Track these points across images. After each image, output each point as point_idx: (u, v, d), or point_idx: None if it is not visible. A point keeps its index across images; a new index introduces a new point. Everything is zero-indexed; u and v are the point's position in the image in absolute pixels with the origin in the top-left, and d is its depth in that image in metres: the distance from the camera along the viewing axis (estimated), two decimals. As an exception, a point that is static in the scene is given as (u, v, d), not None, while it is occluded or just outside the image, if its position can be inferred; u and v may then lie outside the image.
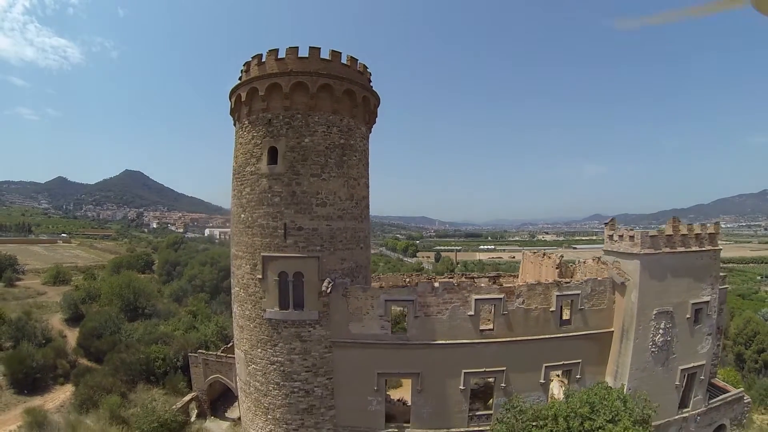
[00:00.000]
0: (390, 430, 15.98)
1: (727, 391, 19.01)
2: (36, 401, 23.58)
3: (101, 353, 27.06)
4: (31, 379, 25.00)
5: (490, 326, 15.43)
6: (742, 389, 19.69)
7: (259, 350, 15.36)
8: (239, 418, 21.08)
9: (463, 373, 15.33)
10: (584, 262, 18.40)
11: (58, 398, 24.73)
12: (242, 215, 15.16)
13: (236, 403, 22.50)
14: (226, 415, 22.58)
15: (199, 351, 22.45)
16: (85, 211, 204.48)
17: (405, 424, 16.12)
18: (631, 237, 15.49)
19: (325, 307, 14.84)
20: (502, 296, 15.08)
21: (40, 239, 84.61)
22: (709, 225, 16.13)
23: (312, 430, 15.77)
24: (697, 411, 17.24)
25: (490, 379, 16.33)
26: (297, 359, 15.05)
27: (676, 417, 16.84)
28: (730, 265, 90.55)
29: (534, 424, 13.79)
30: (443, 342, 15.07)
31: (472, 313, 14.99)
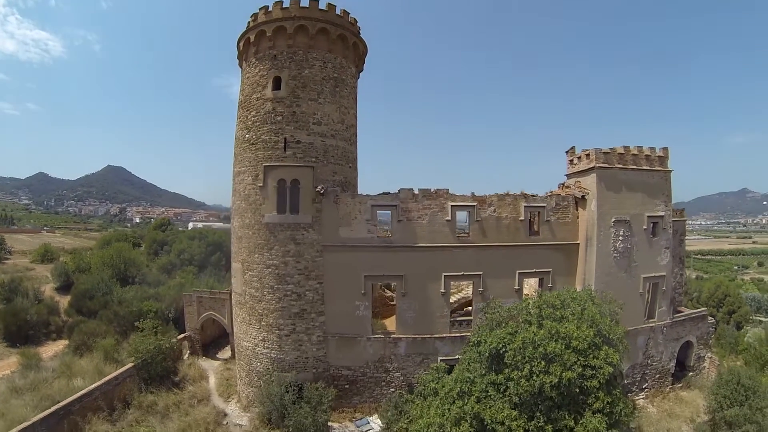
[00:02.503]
0: (376, 335, 17.10)
1: (695, 316, 20.17)
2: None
3: (93, 313, 27.24)
4: (25, 333, 25.35)
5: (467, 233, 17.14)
6: (705, 309, 20.83)
7: (257, 255, 16.88)
8: (231, 357, 21.78)
9: (443, 276, 16.79)
10: (551, 192, 20.34)
11: (51, 350, 24.97)
12: (247, 135, 17.40)
13: (227, 347, 23.21)
14: (217, 356, 23.21)
15: (194, 290, 23.50)
16: (67, 206, 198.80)
17: (390, 330, 17.26)
18: (587, 155, 17.69)
19: (318, 213, 16.65)
20: (475, 204, 16.95)
21: (24, 229, 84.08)
22: (658, 149, 18.34)
23: (303, 335, 16.88)
24: (663, 322, 18.41)
25: (467, 283, 17.66)
26: (291, 261, 16.55)
27: (644, 326, 18.01)
28: (709, 256, 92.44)
29: (510, 318, 15.15)
30: (424, 245, 16.70)
31: (449, 218, 16.77)
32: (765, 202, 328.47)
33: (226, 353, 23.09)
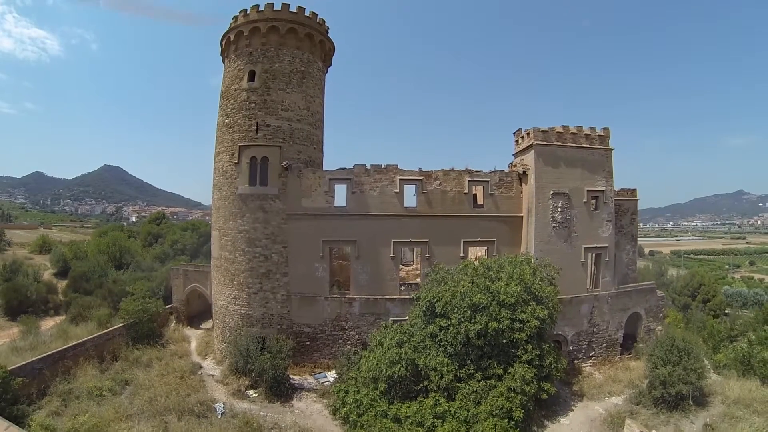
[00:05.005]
0: (333, 295, 18.92)
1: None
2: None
3: (89, 293, 28.80)
4: (25, 309, 27.03)
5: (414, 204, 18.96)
6: (653, 282, 21.46)
7: (231, 222, 19.26)
8: (213, 328, 23.86)
9: (392, 242, 18.59)
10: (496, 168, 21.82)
11: (49, 324, 27.05)
12: (226, 120, 20.12)
13: (210, 320, 25.32)
14: (201, 326, 25.35)
15: (181, 263, 25.89)
16: (63, 206, 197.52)
17: (346, 291, 19.05)
18: (528, 134, 19.35)
19: (284, 185, 18.97)
20: (421, 178, 18.84)
21: (21, 225, 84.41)
22: (599, 129, 19.75)
23: (269, 294, 18.93)
24: (607, 292, 19.34)
25: (416, 249, 19.31)
26: (259, 227, 18.82)
27: (587, 294, 19.02)
28: (701, 256, 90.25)
29: (450, 278, 16.72)
30: (375, 214, 18.63)
31: (397, 190, 18.72)
32: (760, 204, 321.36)
33: (208, 324, 25.23)
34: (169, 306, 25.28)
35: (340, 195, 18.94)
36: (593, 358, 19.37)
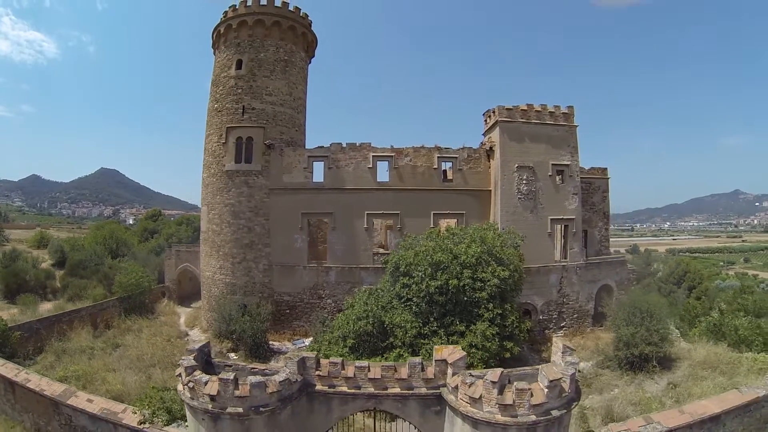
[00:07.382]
0: (311, 264, 20.03)
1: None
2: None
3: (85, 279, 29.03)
4: (24, 293, 26.91)
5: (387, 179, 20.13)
6: (623, 254, 21.86)
7: (218, 197, 20.74)
8: (201, 306, 25.03)
9: (366, 214, 19.71)
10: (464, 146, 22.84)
11: (47, 307, 28.58)
12: (215, 105, 21.86)
13: (200, 301, 26.48)
14: (191, 306, 26.57)
15: (173, 244, 27.30)
16: (60, 209, 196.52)
17: (323, 261, 20.13)
18: (494, 112, 20.48)
19: (267, 163, 20.43)
20: (393, 154, 20.07)
21: (18, 225, 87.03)
22: (563, 107, 20.75)
23: (251, 263, 20.16)
24: (576, 263, 19.93)
25: (389, 222, 20.37)
26: (244, 201, 20.24)
27: (555, 264, 19.65)
28: (697, 254, 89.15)
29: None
30: (350, 188, 19.85)
31: (370, 166, 19.96)
32: (757, 204, 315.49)
33: (198, 304, 26.42)
34: (162, 285, 26.64)
35: (318, 171, 20.29)
36: (564, 328, 19.84)
